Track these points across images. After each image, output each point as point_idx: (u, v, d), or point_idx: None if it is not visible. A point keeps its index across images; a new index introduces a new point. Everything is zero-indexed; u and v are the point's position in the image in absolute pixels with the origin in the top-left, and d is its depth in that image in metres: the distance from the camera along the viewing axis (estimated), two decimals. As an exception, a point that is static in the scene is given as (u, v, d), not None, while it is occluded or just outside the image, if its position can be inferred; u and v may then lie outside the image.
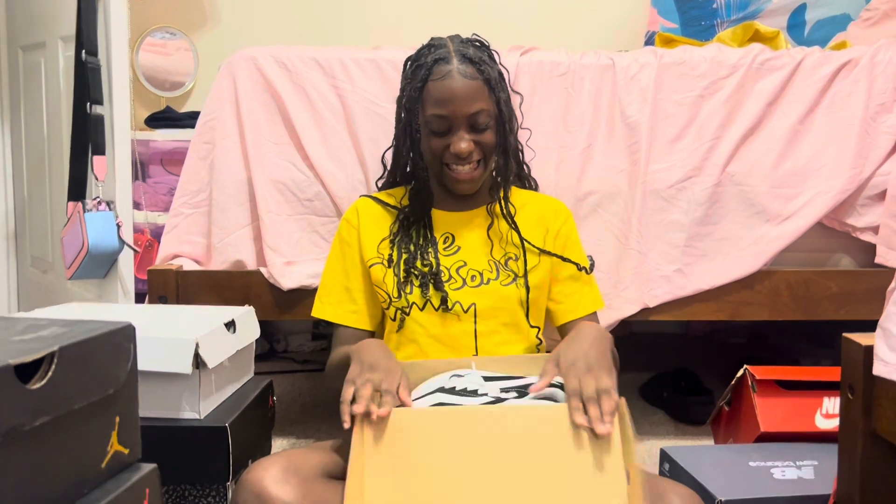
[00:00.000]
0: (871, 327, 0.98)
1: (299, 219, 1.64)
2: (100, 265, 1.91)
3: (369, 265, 1.27)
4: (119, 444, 0.79)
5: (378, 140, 1.58)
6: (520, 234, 1.27)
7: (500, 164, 1.27)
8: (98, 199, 1.86)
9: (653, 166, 1.65)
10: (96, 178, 1.88)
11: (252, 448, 1.30)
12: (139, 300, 2.02)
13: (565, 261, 1.29)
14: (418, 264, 1.23)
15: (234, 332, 1.31)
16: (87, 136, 1.90)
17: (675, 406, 1.97)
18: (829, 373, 1.42)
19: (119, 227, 1.86)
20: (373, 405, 0.94)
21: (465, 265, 1.25)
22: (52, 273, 2.41)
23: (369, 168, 1.60)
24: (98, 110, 1.89)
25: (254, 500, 0.94)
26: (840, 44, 2.00)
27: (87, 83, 1.87)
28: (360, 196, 1.38)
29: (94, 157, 1.88)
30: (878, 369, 0.92)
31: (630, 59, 1.69)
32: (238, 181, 1.64)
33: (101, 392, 0.76)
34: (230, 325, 1.30)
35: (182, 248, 1.68)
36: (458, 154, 1.20)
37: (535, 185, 1.46)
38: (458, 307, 1.22)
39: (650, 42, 2.47)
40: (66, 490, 0.72)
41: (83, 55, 1.87)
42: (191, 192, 1.67)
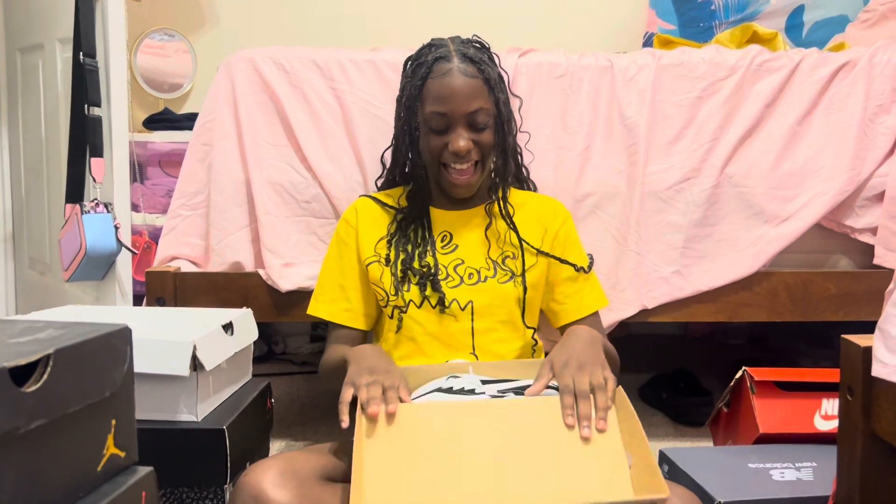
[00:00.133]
0: (869, 328, 0.97)
1: (297, 220, 1.63)
2: (98, 267, 1.90)
3: (367, 264, 1.27)
4: (115, 448, 0.78)
5: (376, 141, 1.58)
6: (518, 234, 1.27)
7: (499, 165, 1.27)
8: (96, 201, 1.86)
9: (651, 167, 1.65)
10: (94, 180, 1.88)
11: (250, 450, 1.30)
12: (137, 302, 2.01)
13: (563, 262, 1.28)
14: (416, 264, 1.23)
15: (232, 334, 1.30)
16: (85, 137, 1.90)
17: (673, 407, 1.97)
18: (828, 374, 1.42)
19: (117, 228, 1.85)
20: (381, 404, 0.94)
21: (463, 263, 1.25)
22: (49, 275, 2.41)
23: (367, 169, 1.60)
24: (96, 112, 1.89)
25: (252, 503, 0.94)
26: (838, 45, 2.01)
27: (85, 85, 1.87)
28: (360, 196, 1.38)
29: (92, 159, 1.88)
30: (876, 370, 0.92)
31: (628, 61, 1.69)
32: (236, 183, 1.63)
33: (97, 395, 0.75)
34: (228, 327, 1.29)
35: (180, 249, 1.67)
36: (456, 152, 1.20)
37: (534, 188, 1.46)
38: (455, 305, 1.22)
39: (648, 44, 2.47)
40: (61, 493, 0.71)
41: (81, 57, 1.87)
42: (189, 193, 1.67)
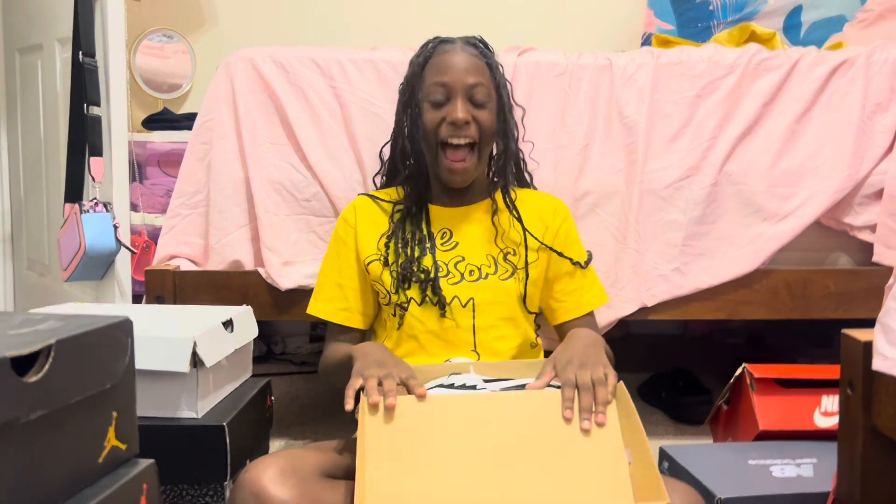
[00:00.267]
0: (869, 326, 0.97)
1: (297, 219, 1.63)
2: (97, 267, 1.90)
3: (367, 262, 1.27)
4: (116, 440, 0.78)
5: (376, 140, 1.58)
6: (522, 224, 1.27)
7: (500, 150, 1.28)
8: (95, 201, 1.85)
9: (650, 166, 1.65)
10: (93, 180, 1.88)
11: (250, 447, 1.29)
12: (136, 302, 2.01)
13: (563, 257, 1.28)
14: (414, 268, 1.23)
15: (232, 331, 1.30)
16: (85, 137, 1.89)
17: (673, 406, 1.97)
18: (828, 371, 1.42)
19: (116, 228, 1.85)
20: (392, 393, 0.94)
21: (464, 260, 1.25)
22: (48, 275, 2.40)
23: (367, 168, 1.60)
24: (95, 111, 1.89)
25: (252, 500, 0.93)
26: (836, 45, 2.01)
27: (85, 84, 1.87)
28: (359, 195, 1.38)
29: (91, 159, 1.88)
30: (877, 364, 0.92)
31: (627, 60, 1.69)
32: (236, 181, 1.63)
33: (98, 386, 0.75)
34: (228, 325, 1.29)
35: (179, 248, 1.67)
36: (454, 122, 1.20)
37: (534, 187, 1.46)
38: (456, 302, 1.22)
39: (647, 44, 2.47)
40: (62, 485, 0.71)
41: (80, 56, 1.87)
42: (188, 192, 1.67)
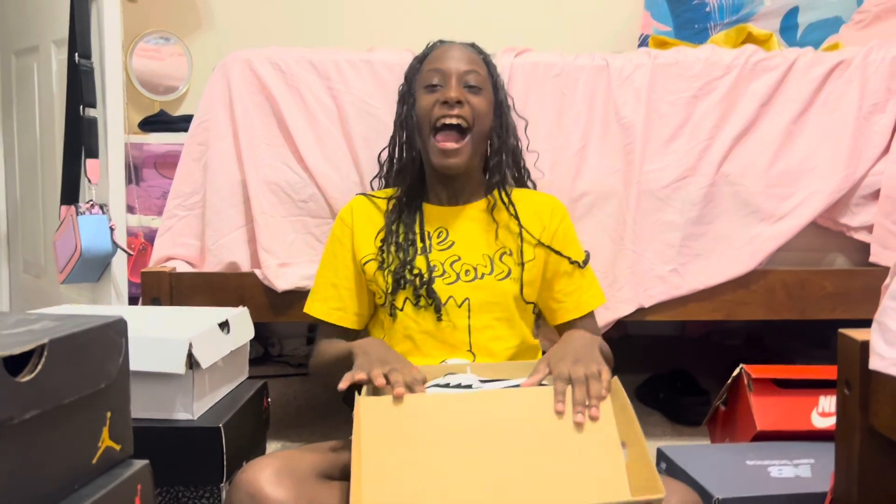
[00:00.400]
0: (866, 326, 0.97)
1: (294, 220, 1.63)
2: (93, 269, 1.89)
3: (364, 262, 1.27)
4: (110, 440, 0.78)
5: (372, 141, 1.58)
6: (519, 222, 1.27)
7: (496, 147, 1.29)
8: (91, 203, 1.85)
9: (647, 166, 1.65)
10: (89, 182, 1.87)
11: (246, 449, 1.29)
12: (132, 304, 2.00)
13: (561, 256, 1.28)
14: (406, 273, 1.22)
15: (228, 332, 1.30)
16: (81, 139, 1.89)
17: (671, 407, 1.97)
18: (826, 371, 1.42)
19: (112, 230, 1.85)
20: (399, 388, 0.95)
21: (459, 260, 1.25)
22: (44, 278, 2.40)
23: (364, 169, 1.60)
24: (91, 113, 1.89)
25: (248, 501, 0.93)
26: (832, 46, 2.01)
27: (81, 86, 1.86)
28: (356, 195, 1.38)
29: (88, 161, 1.88)
30: (874, 364, 0.92)
31: (624, 60, 1.69)
32: (232, 183, 1.63)
33: (92, 386, 0.75)
34: (224, 326, 1.29)
35: (176, 250, 1.67)
36: (447, 101, 1.22)
37: (533, 187, 1.46)
38: (452, 302, 1.22)
39: (644, 45, 2.47)
40: (56, 485, 0.71)
41: (76, 58, 1.86)
42: (184, 193, 1.66)
